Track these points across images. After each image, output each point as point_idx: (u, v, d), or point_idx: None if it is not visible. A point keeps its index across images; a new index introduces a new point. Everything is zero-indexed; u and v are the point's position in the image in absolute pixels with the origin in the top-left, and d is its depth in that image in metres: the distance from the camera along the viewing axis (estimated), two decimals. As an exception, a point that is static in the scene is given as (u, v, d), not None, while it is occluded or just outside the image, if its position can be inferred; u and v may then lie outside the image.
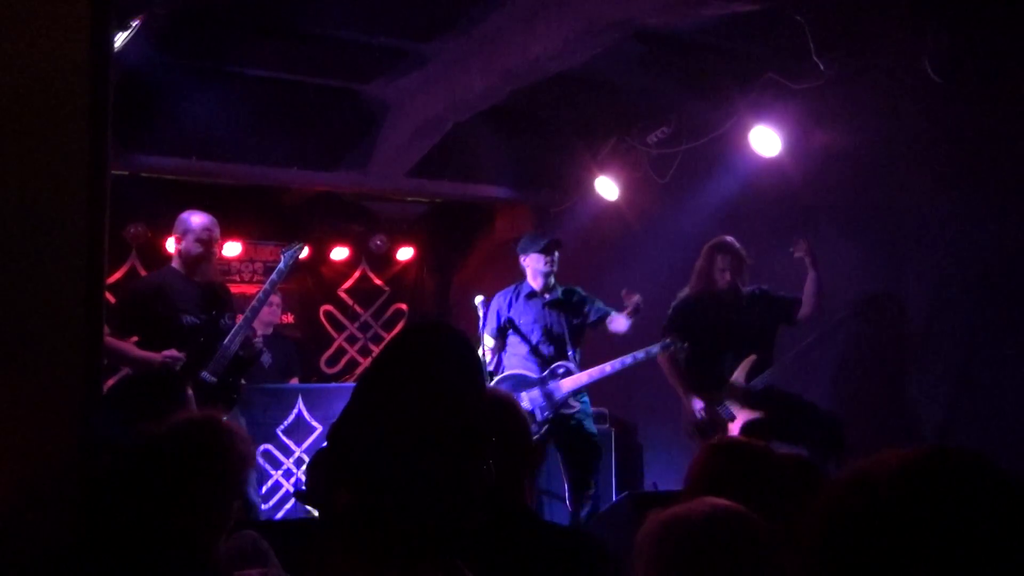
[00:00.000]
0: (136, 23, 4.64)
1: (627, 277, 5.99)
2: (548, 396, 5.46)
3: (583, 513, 5.43)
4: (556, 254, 5.64)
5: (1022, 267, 4.72)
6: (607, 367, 5.39)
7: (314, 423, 6.80)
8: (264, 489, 6.36)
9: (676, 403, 5.51)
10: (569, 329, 5.63)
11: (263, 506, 5.99)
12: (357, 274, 9.04)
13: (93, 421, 2.41)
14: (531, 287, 5.71)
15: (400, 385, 1.37)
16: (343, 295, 9.00)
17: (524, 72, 5.58)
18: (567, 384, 5.45)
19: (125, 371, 7.44)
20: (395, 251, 9.00)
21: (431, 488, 1.30)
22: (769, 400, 5.15)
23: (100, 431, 2.45)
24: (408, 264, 9.21)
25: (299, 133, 6.75)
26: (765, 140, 5.70)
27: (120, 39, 4.60)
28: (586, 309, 5.70)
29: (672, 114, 6.46)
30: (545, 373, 5.53)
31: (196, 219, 4.97)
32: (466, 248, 9.05)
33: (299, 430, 6.77)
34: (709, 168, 6.29)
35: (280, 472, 6.62)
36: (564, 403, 5.46)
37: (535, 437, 5.33)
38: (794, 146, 5.66)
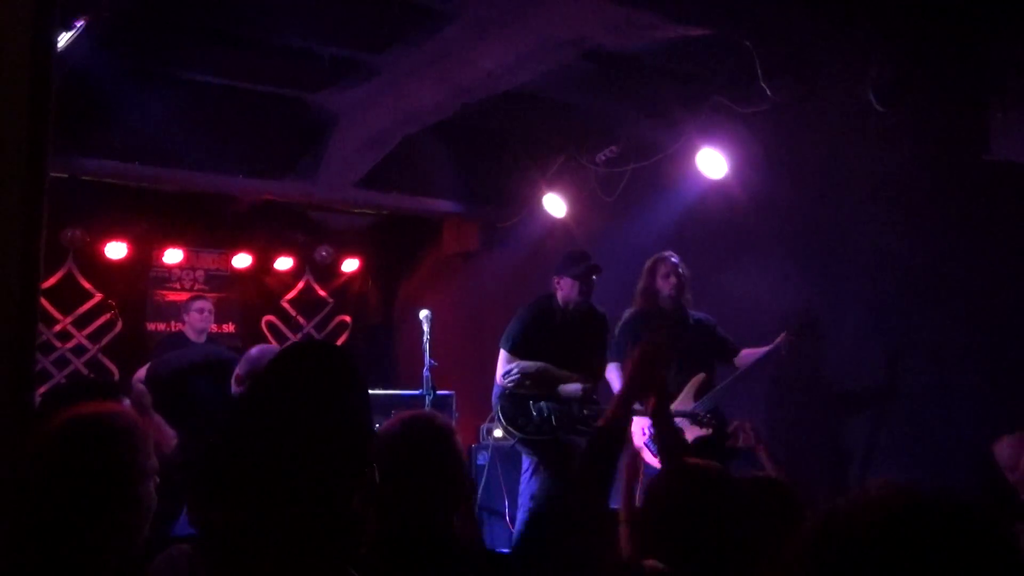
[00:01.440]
0: (81, 23, 4.54)
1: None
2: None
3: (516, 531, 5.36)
4: (594, 280, 5.36)
5: (958, 288, 4.84)
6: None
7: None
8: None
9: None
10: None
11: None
12: (301, 284, 8.95)
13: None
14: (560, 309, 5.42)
15: (277, 404, 1.35)
16: (286, 305, 8.90)
17: (475, 87, 5.58)
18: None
19: (57, 379, 7.27)
20: (340, 262, 8.93)
21: (304, 505, 1.28)
22: (715, 419, 5.15)
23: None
24: (353, 276, 9.15)
25: (247, 141, 6.68)
26: (711, 162, 5.77)
27: (64, 39, 4.50)
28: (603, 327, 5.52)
29: (621, 134, 6.52)
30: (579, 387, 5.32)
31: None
32: (412, 261, 9.01)
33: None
34: (656, 188, 6.35)
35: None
36: (582, 421, 5.26)
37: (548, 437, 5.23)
38: (740, 169, 5.75)
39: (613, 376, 5.33)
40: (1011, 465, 3.83)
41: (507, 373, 5.31)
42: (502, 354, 5.40)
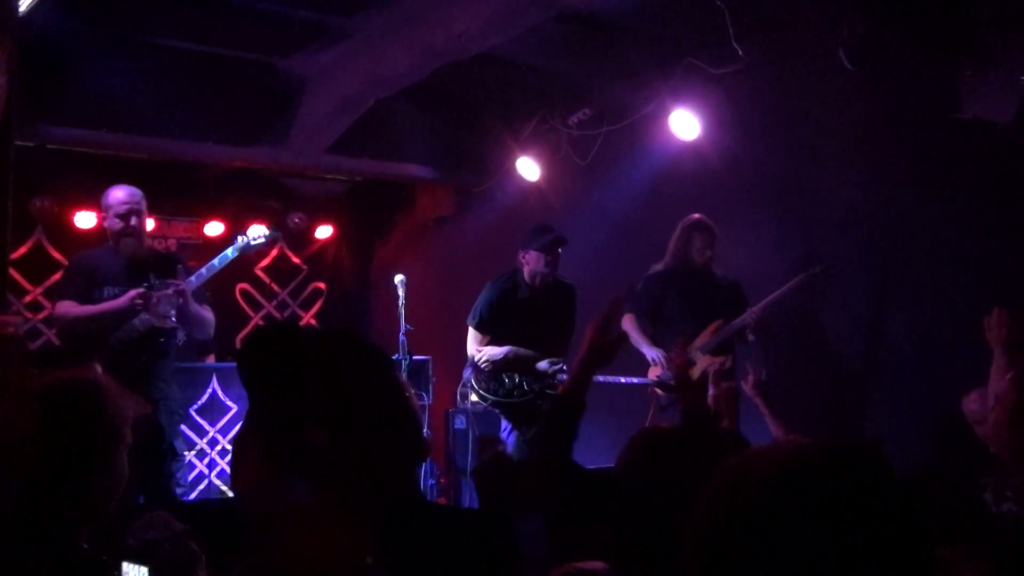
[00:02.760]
0: (43, -13, 4.46)
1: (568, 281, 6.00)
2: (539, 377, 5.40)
3: None
4: (559, 252, 5.37)
5: (931, 244, 4.90)
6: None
7: (228, 402, 6.68)
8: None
9: (602, 384, 5.54)
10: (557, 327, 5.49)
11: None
12: (275, 252, 8.89)
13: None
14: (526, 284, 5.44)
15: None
16: (260, 273, 8.84)
17: (446, 50, 5.54)
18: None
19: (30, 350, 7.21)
20: (314, 229, 8.87)
21: (387, 428, 1.34)
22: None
23: None
24: (327, 243, 9.09)
25: (215, 107, 6.59)
26: (685, 124, 5.78)
27: (25, 3, 4.41)
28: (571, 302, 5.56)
29: (593, 96, 6.50)
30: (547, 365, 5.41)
31: (114, 195, 4.97)
32: (387, 227, 8.97)
33: (213, 409, 6.65)
34: (630, 150, 6.35)
35: (193, 453, 6.49)
36: (554, 387, 5.32)
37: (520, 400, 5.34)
38: (713, 130, 5.75)
39: (628, 326, 5.31)
40: (979, 419, 3.90)
41: (477, 360, 5.42)
42: (470, 330, 5.46)
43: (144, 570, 2.25)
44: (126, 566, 2.23)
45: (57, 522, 1.86)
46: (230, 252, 5.29)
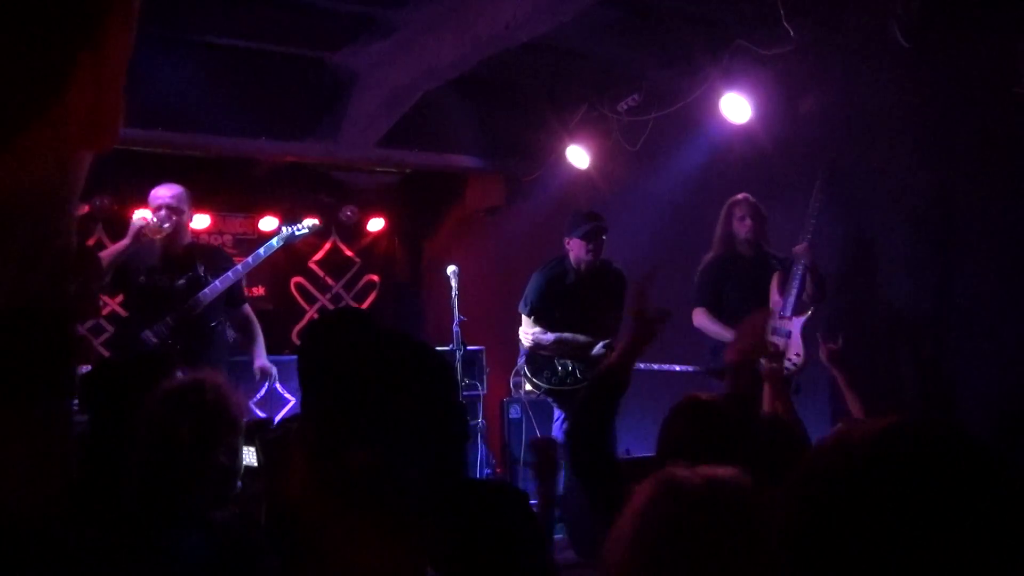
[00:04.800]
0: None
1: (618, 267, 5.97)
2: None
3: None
4: (603, 239, 5.42)
5: (992, 225, 4.78)
6: None
7: (286, 395, 6.77)
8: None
9: (644, 372, 5.51)
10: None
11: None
12: (328, 245, 8.98)
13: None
14: (574, 270, 5.50)
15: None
16: (314, 267, 8.95)
17: (494, 40, 5.53)
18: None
19: (95, 346, 7.37)
20: (366, 222, 8.94)
21: (428, 448, 1.31)
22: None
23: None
24: (379, 235, 9.16)
25: (267, 103, 6.67)
26: (735, 107, 5.70)
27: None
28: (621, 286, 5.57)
29: (642, 82, 6.45)
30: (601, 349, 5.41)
31: (155, 192, 5.22)
32: (437, 218, 9.01)
33: (271, 402, 6.74)
34: (680, 135, 6.29)
35: (253, 446, 6.59)
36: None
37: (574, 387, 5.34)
38: (764, 112, 5.68)
39: (702, 320, 5.29)
40: None
41: (527, 345, 5.49)
42: (522, 318, 5.47)
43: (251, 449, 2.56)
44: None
45: (194, 498, 2.21)
46: (275, 242, 5.59)
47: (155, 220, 5.07)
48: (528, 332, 5.49)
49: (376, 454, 1.26)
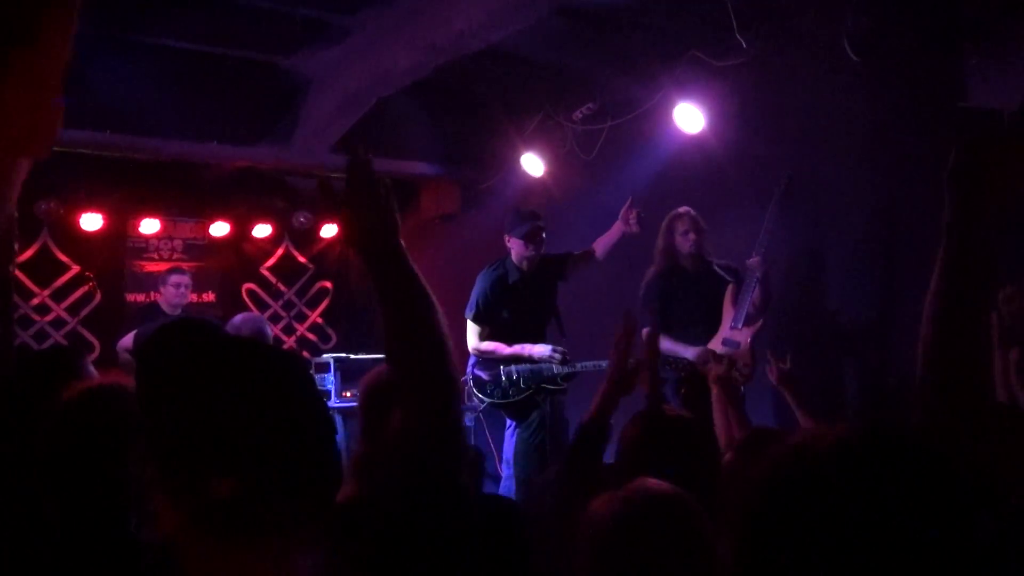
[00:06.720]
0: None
1: (553, 252, 6.00)
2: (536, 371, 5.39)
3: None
4: (542, 237, 5.44)
5: (934, 232, 4.85)
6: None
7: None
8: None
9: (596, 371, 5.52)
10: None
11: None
12: (280, 251, 8.89)
13: None
14: (516, 268, 5.51)
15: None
16: (266, 273, 8.85)
17: (448, 47, 5.53)
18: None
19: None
20: (319, 228, 8.87)
21: (301, 467, 1.23)
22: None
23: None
24: (333, 241, 9.09)
25: (219, 107, 6.60)
26: (689, 117, 5.76)
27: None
28: (561, 269, 5.60)
29: (597, 91, 6.48)
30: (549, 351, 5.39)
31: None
32: (392, 225, 8.96)
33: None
34: (634, 144, 6.33)
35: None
36: (552, 380, 5.37)
37: (517, 398, 5.35)
38: (717, 122, 5.73)
39: (659, 341, 5.25)
40: None
41: (479, 357, 5.49)
42: (469, 324, 5.47)
43: None
44: None
45: (104, 511, 1.91)
46: None
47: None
48: (476, 339, 5.48)
49: (240, 479, 1.18)
